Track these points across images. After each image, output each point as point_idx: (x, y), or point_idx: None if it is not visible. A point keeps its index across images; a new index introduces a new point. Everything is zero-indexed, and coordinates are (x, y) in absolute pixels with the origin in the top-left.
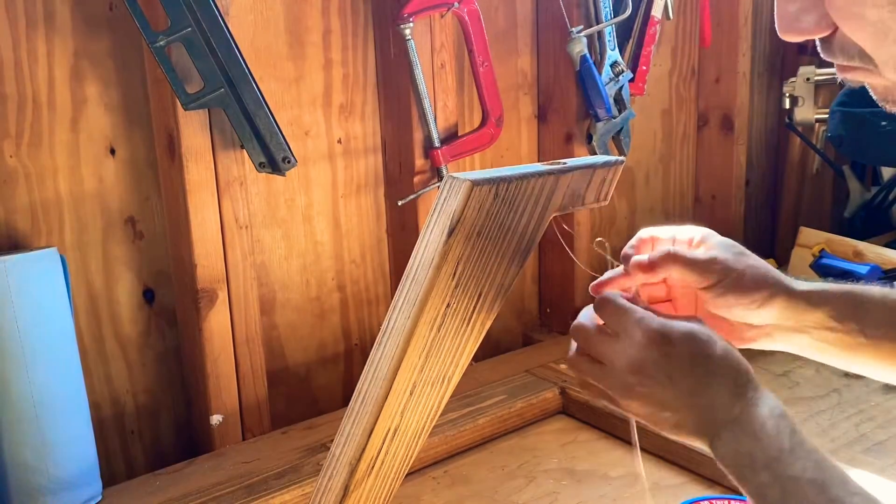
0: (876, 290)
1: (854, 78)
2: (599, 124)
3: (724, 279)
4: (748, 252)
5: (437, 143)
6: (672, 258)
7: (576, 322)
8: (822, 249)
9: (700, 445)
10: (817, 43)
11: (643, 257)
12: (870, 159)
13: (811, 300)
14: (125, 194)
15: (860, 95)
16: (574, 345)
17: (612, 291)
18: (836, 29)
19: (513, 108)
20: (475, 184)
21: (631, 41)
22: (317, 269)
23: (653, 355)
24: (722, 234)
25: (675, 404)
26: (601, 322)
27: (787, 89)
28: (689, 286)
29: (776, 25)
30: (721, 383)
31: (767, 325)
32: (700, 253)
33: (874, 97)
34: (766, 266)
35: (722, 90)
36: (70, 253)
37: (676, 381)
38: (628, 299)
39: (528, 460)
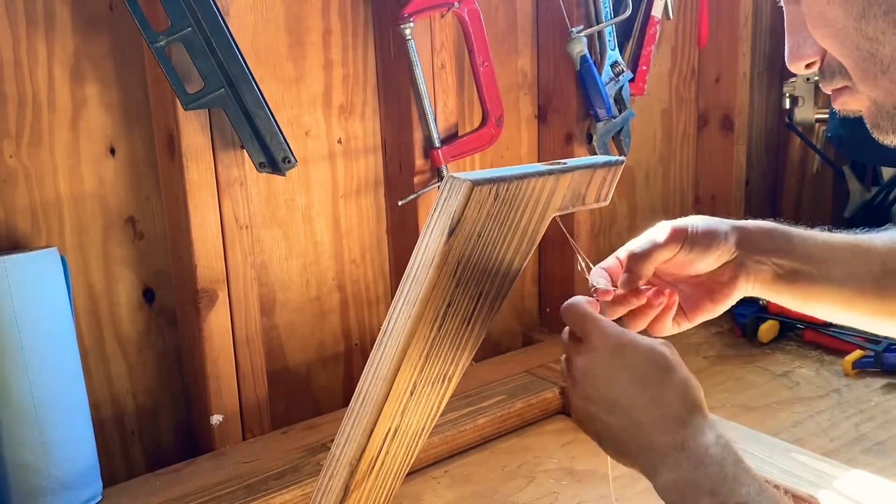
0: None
1: (844, 105)
2: (599, 124)
3: (686, 237)
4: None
5: (437, 143)
6: (640, 257)
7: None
8: None
9: (638, 472)
10: (818, 78)
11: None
12: (870, 159)
13: (760, 228)
14: (125, 194)
15: None
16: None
17: (578, 297)
18: (825, 53)
19: (513, 108)
20: (475, 184)
21: (631, 41)
22: (317, 269)
23: (604, 361)
24: None
25: (620, 418)
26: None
27: (787, 89)
28: (670, 270)
29: (786, 58)
30: (670, 405)
31: (733, 273)
32: (657, 235)
33: (870, 129)
34: (716, 218)
35: (722, 90)
36: (70, 253)
37: (625, 394)
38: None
39: (528, 460)
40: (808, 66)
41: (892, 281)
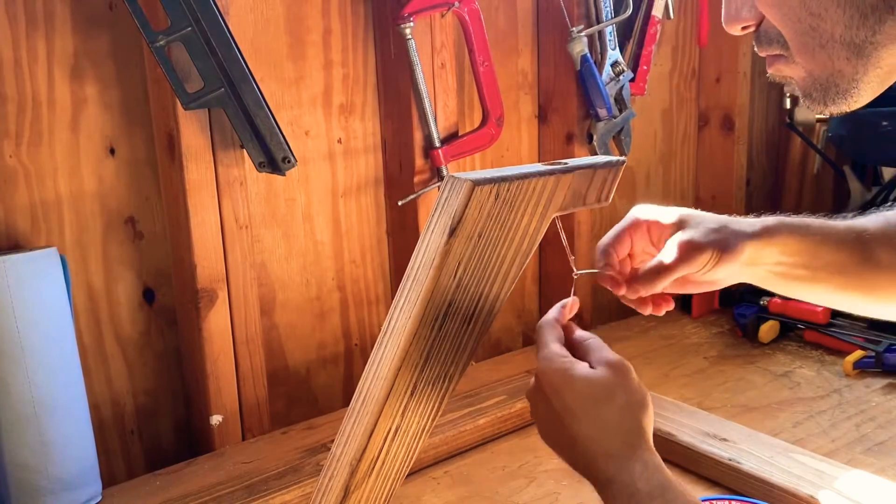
0: (827, 225)
1: (778, 71)
2: (600, 124)
3: (709, 259)
4: (699, 214)
5: (437, 143)
6: (664, 273)
7: None
8: None
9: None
10: (754, 41)
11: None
12: (870, 159)
13: (763, 240)
14: (125, 194)
15: None
16: None
17: (547, 318)
18: (763, 16)
19: (513, 107)
20: (476, 184)
21: (631, 41)
22: (317, 268)
23: (543, 396)
24: None
25: (563, 449)
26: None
27: (787, 89)
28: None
29: (722, 19)
30: (604, 438)
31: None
32: (619, 225)
33: (800, 96)
34: (719, 221)
35: (723, 90)
36: (70, 253)
37: (563, 430)
38: (566, 325)
39: (528, 460)
40: (744, 28)
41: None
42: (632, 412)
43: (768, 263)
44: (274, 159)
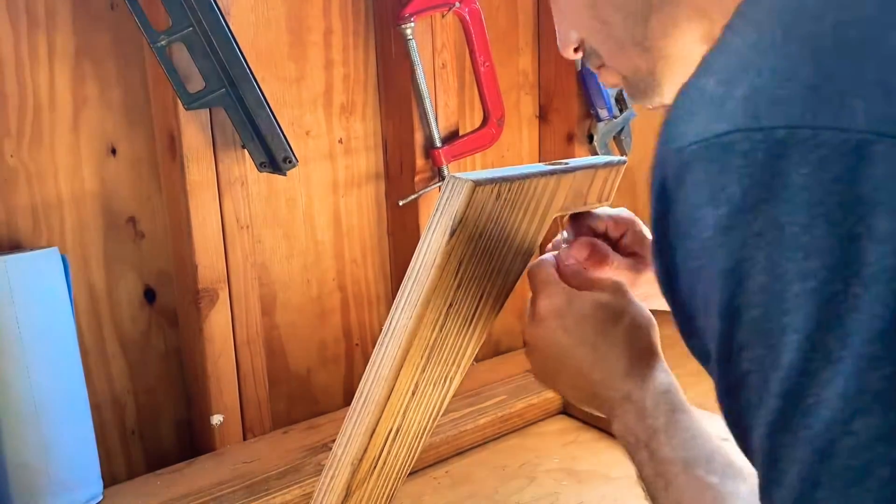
0: None
1: (605, 80)
2: (601, 124)
3: (633, 235)
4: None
5: (438, 143)
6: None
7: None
8: None
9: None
10: (584, 58)
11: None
12: None
13: None
14: (126, 194)
15: None
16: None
17: (542, 258)
18: (583, 38)
19: (514, 108)
20: (477, 184)
21: None
22: (318, 268)
23: (548, 326)
24: None
25: (572, 377)
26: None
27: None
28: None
29: (559, 47)
30: (615, 360)
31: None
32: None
33: (628, 98)
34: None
35: None
36: (71, 252)
37: (573, 356)
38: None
39: (529, 460)
40: (575, 50)
41: None
42: (642, 330)
43: None
44: (275, 159)
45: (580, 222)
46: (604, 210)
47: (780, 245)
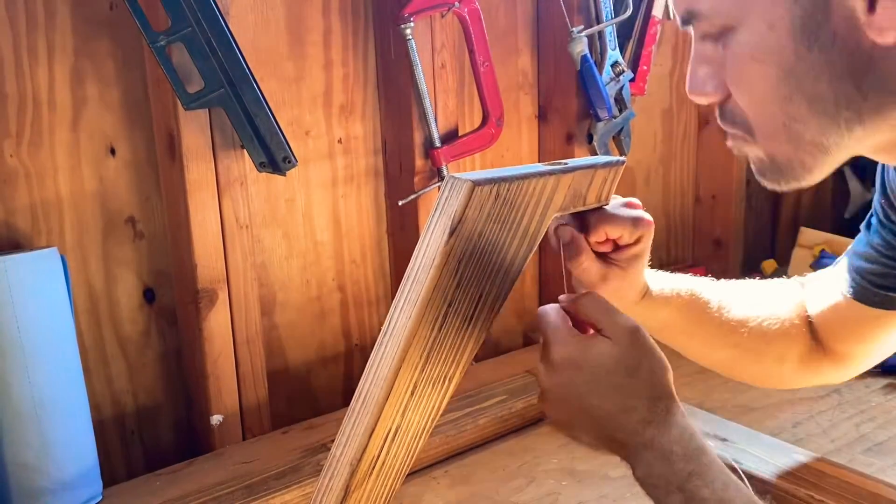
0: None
1: (737, 147)
2: (600, 124)
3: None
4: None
5: (437, 143)
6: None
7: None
8: (823, 250)
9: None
10: (716, 110)
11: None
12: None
13: (658, 303)
14: (125, 194)
15: None
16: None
17: (549, 306)
18: (729, 96)
19: (513, 108)
20: (476, 184)
21: (631, 41)
22: (317, 269)
23: (566, 375)
24: (722, 234)
25: (591, 426)
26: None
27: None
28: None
29: (686, 85)
30: (634, 409)
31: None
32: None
33: (755, 172)
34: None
35: None
36: (70, 253)
37: (591, 406)
38: (568, 306)
39: (528, 460)
40: (709, 101)
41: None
42: (659, 375)
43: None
44: (274, 159)
45: (597, 222)
46: (626, 212)
47: None
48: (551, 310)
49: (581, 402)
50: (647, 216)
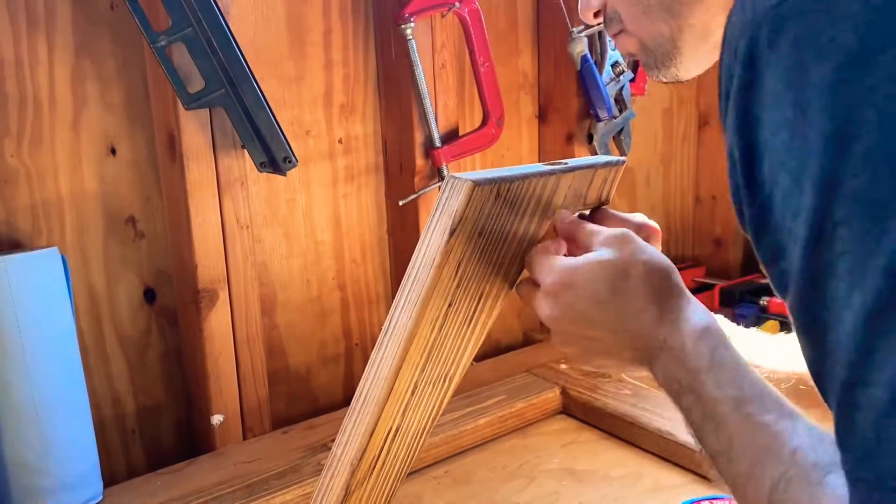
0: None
1: (622, 47)
2: (600, 124)
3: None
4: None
5: (437, 143)
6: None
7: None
8: None
9: (644, 373)
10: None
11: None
12: None
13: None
14: (126, 194)
15: None
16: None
17: (537, 247)
18: (606, 3)
19: (513, 108)
20: (477, 184)
21: None
22: (317, 268)
23: (563, 300)
24: (722, 234)
25: (599, 346)
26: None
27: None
28: None
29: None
30: (641, 311)
31: None
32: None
33: (644, 69)
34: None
35: None
36: (71, 253)
37: (596, 319)
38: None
39: (528, 460)
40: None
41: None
42: (659, 273)
43: None
44: (275, 159)
45: (602, 220)
46: (634, 215)
47: None
48: (538, 247)
49: (588, 322)
50: (654, 224)
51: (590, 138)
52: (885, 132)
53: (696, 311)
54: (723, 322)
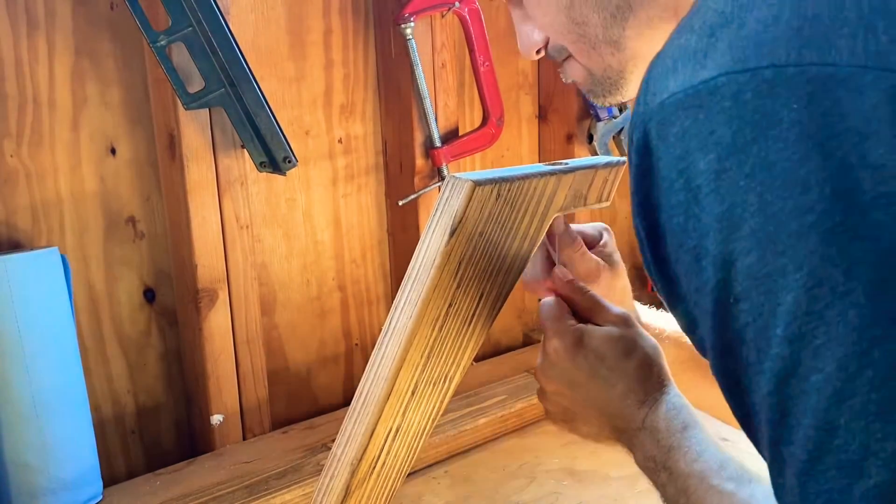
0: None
1: (568, 75)
2: (600, 124)
3: (609, 253)
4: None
5: (437, 143)
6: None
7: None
8: None
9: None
10: (549, 57)
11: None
12: None
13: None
14: (126, 194)
15: None
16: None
17: (549, 298)
18: (548, 39)
19: (514, 107)
20: (477, 184)
21: None
22: (317, 268)
23: (563, 365)
24: None
25: (584, 413)
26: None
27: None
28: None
29: (520, 50)
30: (631, 391)
31: None
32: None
33: (585, 93)
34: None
35: None
36: (71, 252)
37: (588, 392)
38: (565, 294)
39: (528, 460)
40: (537, 52)
41: None
42: (653, 357)
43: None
44: (275, 159)
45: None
46: (578, 227)
47: (772, 184)
48: (550, 302)
49: (579, 391)
50: (598, 224)
51: (590, 138)
52: (765, 214)
53: (674, 394)
54: None
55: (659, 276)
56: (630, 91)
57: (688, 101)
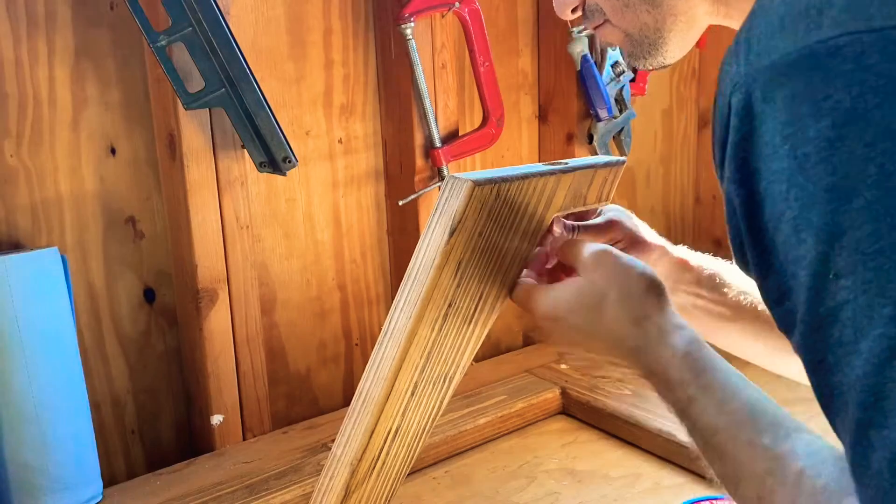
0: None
1: (604, 38)
2: (600, 124)
3: (623, 238)
4: (637, 219)
5: (437, 143)
6: (576, 229)
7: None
8: None
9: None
10: (584, 19)
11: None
12: None
13: (685, 266)
14: (126, 194)
15: None
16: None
17: (521, 279)
18: None
19: (513, 108)
20: (477, 184)
21: None
22: (317, 268)
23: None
24: (722, 234)
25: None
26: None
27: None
28: None
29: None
30: (620, 337)
31: None
32: (598, 219)
33: (625, 58)
34: (653, 231)
35: None
36: (71, 252)
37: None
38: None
39: (528, 460)
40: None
41: None
42: (636, 295)
43: (688, 292)
44: (275, 159)
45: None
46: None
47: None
48: (519, 282)
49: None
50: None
51: (590, 138)
52: (885, 186)
53: (676, 331)
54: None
55: (752, 245)
56: (671, 52)
57: (801, 62)
